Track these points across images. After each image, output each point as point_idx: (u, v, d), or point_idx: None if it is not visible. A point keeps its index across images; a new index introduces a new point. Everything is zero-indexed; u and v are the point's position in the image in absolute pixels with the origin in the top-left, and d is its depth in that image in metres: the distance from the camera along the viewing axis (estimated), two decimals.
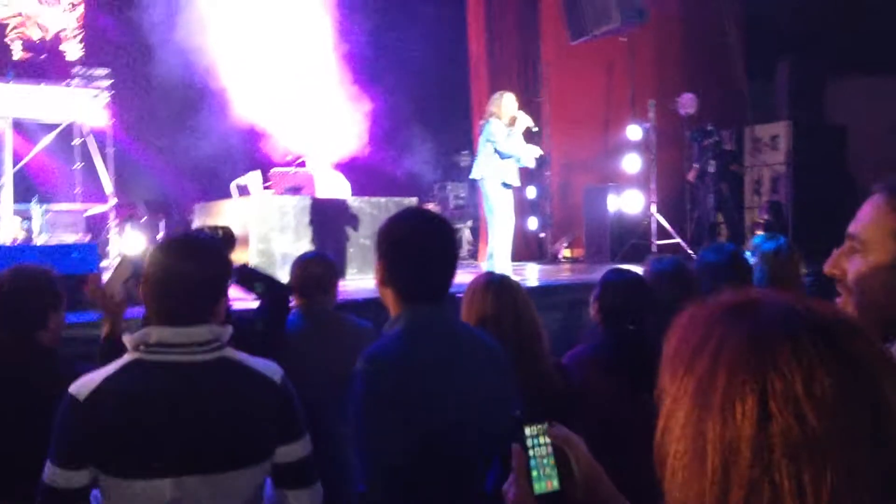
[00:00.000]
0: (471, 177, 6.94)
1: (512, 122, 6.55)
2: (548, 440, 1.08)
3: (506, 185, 6.57)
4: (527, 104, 10.59)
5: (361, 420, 1.81)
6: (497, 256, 6.59)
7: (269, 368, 1.94)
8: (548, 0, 10.74)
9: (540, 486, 1.05)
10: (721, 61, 10.30)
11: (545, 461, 1.07)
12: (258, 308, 3.00)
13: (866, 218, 1.31)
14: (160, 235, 10.05)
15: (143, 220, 9.99)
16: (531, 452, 1.07)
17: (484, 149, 6.58)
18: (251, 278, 3.01)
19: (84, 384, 1.80)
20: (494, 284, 2.57)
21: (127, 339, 1.86)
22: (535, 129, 6.80)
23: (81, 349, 3.02)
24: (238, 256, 8.15)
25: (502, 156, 6.51)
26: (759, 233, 7.83)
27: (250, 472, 1.86)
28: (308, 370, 2.54)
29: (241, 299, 3.76)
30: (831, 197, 9.46)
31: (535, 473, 1.06)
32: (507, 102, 6.60)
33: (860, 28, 9.08)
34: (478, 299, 2.53)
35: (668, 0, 10.25)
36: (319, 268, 3.26)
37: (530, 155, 6.64)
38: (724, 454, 0.73)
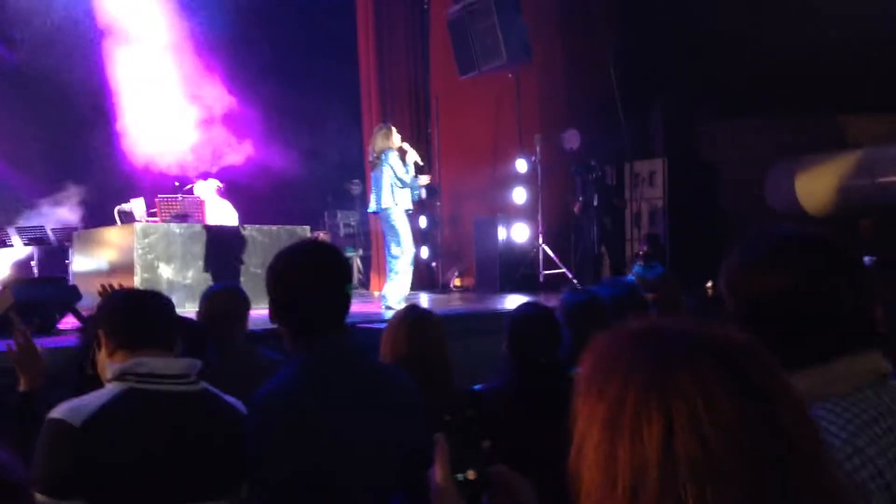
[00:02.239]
0: (373, 209, 7.13)
1: (402, 153, 6.95)
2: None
3: (407, 212, 6.99)
4: (417, 135, 10.74)
5: (251, 463, 1.83)
6: (399, 283, 6.84)
7: (238, 403, 1.98)
8: (437, 34, 10.95)
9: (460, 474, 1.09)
10: (602, 99, 10.77)
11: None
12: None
13: None
14: (33, 263, 9.53)
15: (15, 247, 9.44)
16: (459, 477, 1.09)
17: (385, 180, 6.82)
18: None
19: (75, 410, 1.71)
20: (409, 320, 2.61)
21: (111, 369, 1.84)
22: (422, 163, 7.34)
23: None
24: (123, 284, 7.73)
25: (403, 185, 6.88)
26: (640, 264, 8.22)
27: (231, 501, 1.89)
28: None
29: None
30: (705, 229, 10.05)
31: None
32: (395, 135, 7.03)
33: (725, 74, 9.77)
34: (392, 335, 2.57)
35: (553, 40, 10.67)
36: (228, 300, 3.23)
37: (422, 184, 7.30)
38: (634, 476, 0.76)
